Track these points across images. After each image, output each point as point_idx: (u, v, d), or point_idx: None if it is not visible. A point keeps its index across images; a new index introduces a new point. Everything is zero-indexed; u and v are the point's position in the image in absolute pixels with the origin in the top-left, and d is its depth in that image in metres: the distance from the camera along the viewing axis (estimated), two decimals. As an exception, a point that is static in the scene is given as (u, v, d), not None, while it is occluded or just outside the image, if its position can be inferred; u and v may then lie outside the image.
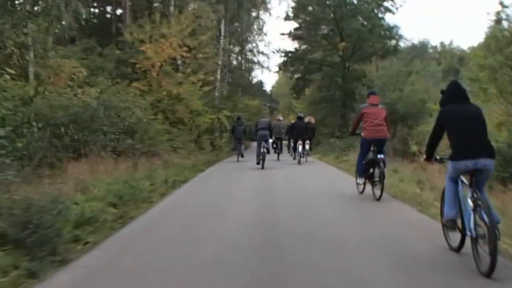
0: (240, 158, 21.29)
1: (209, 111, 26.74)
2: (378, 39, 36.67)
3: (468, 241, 5.15)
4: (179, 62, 25.55)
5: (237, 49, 46.78)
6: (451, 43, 75.61)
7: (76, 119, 12.84)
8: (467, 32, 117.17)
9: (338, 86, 37.16)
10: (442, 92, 5.61)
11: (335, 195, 10.32)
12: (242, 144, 22.20)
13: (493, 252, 4.48)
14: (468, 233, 5.02)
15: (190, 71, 24.46)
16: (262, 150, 17.20)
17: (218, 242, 6.08)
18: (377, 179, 9.37)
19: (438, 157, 5.86)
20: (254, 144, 20.41)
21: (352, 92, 34.85)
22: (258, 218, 7.86)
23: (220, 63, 31.49)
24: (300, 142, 20.12)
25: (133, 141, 17.51)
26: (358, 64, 38.07)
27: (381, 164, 9.26)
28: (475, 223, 4.89)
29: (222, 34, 31.81)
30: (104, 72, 21.27)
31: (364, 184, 9.90)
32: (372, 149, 9.59)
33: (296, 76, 41.98)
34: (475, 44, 72.59)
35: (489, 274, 4.54)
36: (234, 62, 46.27)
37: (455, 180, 5.43)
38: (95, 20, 31.33)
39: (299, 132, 20.52)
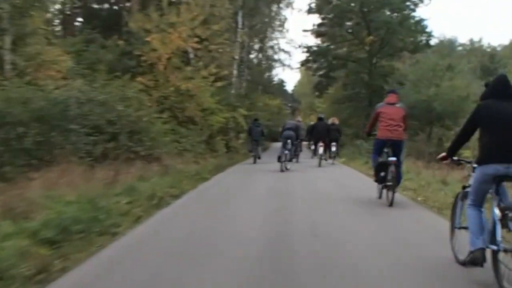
0: (257, 161, 20.44)
1: (223, 110, 23.83)
2: (408, 32, 33.42)
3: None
4: (191, 55, 22.70)
5: (257, 46, 43.79)
6: (480, 40, 71.81)
7: (41, 116, 10.03)
8: (495, 30, 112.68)
9: (364, 84, 34.10)
10: (486, 85, 4.95)
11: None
12: (259, 146, 21.30)
13: None
14: (491, 246, 4.38)
15: (202, 64, 21.53)
16: (284, 152, 16.32)
17: None
18: (389, 183, 8.88)
19: (456, 158, 5.27)
20: (274, 145, 20.50)
21: (379, 90, 32.16)
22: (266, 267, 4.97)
23: (236, 57, 28.52)
24: (321, 144, 19.36)
25: (131, 142, 14.99)
26: (385, 60, 34.94)
27: (393, 168, 8.81)
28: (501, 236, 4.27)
29: (239, 26, 28.75)
30: (102, 64, 18.53)
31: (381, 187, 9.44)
32: (386, 151, 9.14)
33: (319, 73, 38.77)
34: (506, 42, 69.31)
35: None
36: (254, 60, 43.14)
37: (478, 206, 4.71)
38: (103, 13, 28.69)
39: (320, 133, 19.77)
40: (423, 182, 11.64)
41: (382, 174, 9.05)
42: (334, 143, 20.26)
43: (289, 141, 16.56)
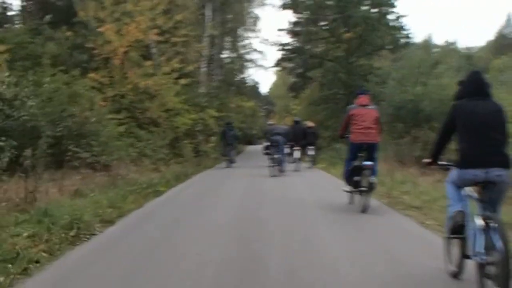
0: (231, 165, 19.98)
1: (190, 110, 21.27)
2: (387, 30, 31.30)
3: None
4: (153, 50, 20.13)
5: (229, 44, 41.28)
6: (455, 43, 70.19)
7: None
8: (471, 32, 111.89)
9: (342, 84, 31.80)
10: (461, 83, 4.66)
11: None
12: (233, 149, 20.86)
13: (505, 285, 3.58)
14: (473, 257, 4.06)
15: (163, 59, 18.99)
16: (275, 156, 15.59)
17: None
18: (363, 188, 8.40)
19: (442, 162, 4.80)
20: (249, 149, 18.25)
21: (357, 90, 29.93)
22: None
23: (205, 53, 25.94)
24: (297, 148, 18.44)
25: (76, 147, 12.56)
26: (364, 59, 32.76)
27: (367, 172, 8.36)
28: (485, 247, 3.91)
29: (207, 19, 26.11)
30: (47, 58, 15.85)
31: (352, 192, 8.92)
32: (361, 154, 8.61)
33: (295, 72, 36.41)
34: (482, 44, 67.96)
35: None
36: (227, 59, 40.57)
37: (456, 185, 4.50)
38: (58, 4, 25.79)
39: (296, 137, 18.57)
40: (426, 196, 9.29)
41: (356, 178, 8.52)
42: (311, 147, 19.49)
43: (276, 148, 15.75)
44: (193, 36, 21.83)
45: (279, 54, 35.32)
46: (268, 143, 19.23)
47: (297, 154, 18.40)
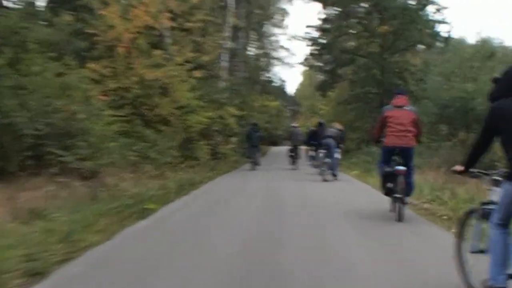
0: (255, 167, 19.07)
1: (207, 107, 18.52)
2: (426, 23, 28.16)
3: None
4: (168, 39, 17.44)
5: (253, 39, 38.50)
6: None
7: None
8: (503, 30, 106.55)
9: (375, 81, 28.81)
10: (496, 80, 3.87)
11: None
12: (258, 151, 20.04)
13: None
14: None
15: (176, 48, 16.32)
16: (325, 160, 15.06)
17: None
18: (398, 195, 7.59)
19: (476, 171, 4.12)
20: (273, 150, 20.54)
21: (392, 88, 27.18)
22: None
23: (227, 45, 23.13)
24: (322, 151, 16.47)
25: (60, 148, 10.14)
26: (399, 55, 29.69)
27: (402, 178, 7.60)
28: None
29: (229, 5, 23.19)
30: (41, 44, 13.28)
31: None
32: (394, 159, 7.89)
33: (324, 69, 33.45)
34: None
35: None
36: (251, 54, 37.78)
37: (505, 227, 3.70)
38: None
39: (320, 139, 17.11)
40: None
41: (390, 185, 7.93)
42: (337, 150, 16.95)
43: (327, 151, 15.09)
44: (211, 24, 19.04)
45: (306, 52, 32.43)
46: (291, 146, 19.51)
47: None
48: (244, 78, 31.54)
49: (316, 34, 32.79)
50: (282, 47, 39.52)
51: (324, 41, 31.03)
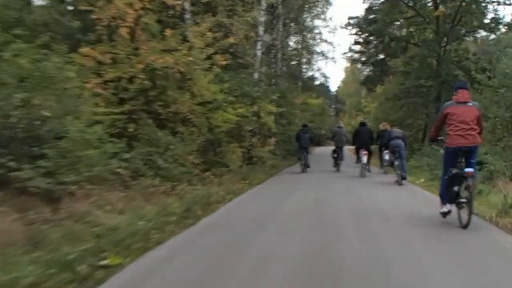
0: (306, 170, 17.97)
1: (237, 103, 14.94)
2: (489, 4, 23.96)
3: None
4: (187, 15, 13.94)
5: (294, 34, 34.80)
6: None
7: None
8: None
9: (432, 72, 24.73)
10: None
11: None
12: (308, 153, 18.78)
13: None
14: None
15: (194, 29, 12.80)
16: (396, 163, 14.03)
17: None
18: (463, 199, 6.78)
19: None
20: (316, 151, 18.99)
21: (453, 80, 23.29)
22: None
23: (261, 31, 19.46)
24: (364, 152, 16.33)
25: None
26: (457, 43, 25.54)
27: (470, 181, 6.71)
28: None
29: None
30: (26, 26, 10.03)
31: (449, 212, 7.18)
32: (459, 160, 6.97)
33: (372, 60, 29.43)
34: None
35: None
36: (292, 49, 34.03)
37: None
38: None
39: (363, 140, 17.20)
40: None
41: (456, 188, 6.91)
42: (386, 151, 16.25)
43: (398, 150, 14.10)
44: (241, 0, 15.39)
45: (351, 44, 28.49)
46: (335, 147, 18.65)
47: (364, 159, 16.12)
48: (283, 72, 27.84)
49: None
50: (325, 40, 35.52)
51: (372, 28, 26.95)
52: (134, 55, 11.61)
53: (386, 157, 16.23)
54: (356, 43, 28.04)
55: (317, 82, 50.48)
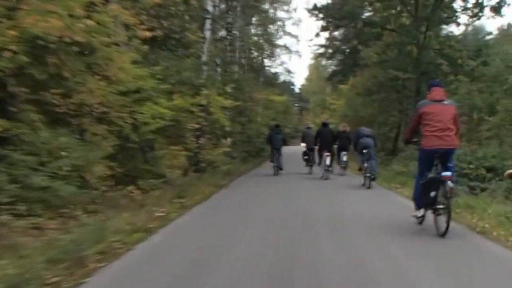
0: (278, 172, 16.85)
1: (173, 93, 11.04)
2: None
3: None
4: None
5: (255, 26, 31.15)
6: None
7: None
8: None
9: (411, 61, 21.50)
10: None
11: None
12: (281, 155, 17.40)
13: None
14: None
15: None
16: (365, 164, 12.88)
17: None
18: (441, 206, 6.23)
19: None
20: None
21: (434, 70, 20.33)
22: None
23: (210, 8, 15.61)
24: (327, 153, 15.45)
25: None
26: (439, 28, 22.48)
27: (448, 186, 6.09)
28: None
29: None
30: None
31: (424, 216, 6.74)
32: (435, 163, 6.40)
33: (343, 48, 26.01)
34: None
35: None
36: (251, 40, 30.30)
37: None
38: None
39: (324, 141, 15.90)
40: None
41: (432, 194, 6.29)
42: (344, 152, 16.28)
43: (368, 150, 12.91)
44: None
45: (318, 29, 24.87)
46: (306, 149, 17.66)
47: (327, 160, 15.46)
48: (242, 65, 24.11)
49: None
50: (288, 33, 31.95)
51: (343, 12, 23.37)
52: (7, 18, 7.59)
53: (344, 158, 16.00)
54: (324, 28, 24.28)
55: (281, 79, 47.02)
